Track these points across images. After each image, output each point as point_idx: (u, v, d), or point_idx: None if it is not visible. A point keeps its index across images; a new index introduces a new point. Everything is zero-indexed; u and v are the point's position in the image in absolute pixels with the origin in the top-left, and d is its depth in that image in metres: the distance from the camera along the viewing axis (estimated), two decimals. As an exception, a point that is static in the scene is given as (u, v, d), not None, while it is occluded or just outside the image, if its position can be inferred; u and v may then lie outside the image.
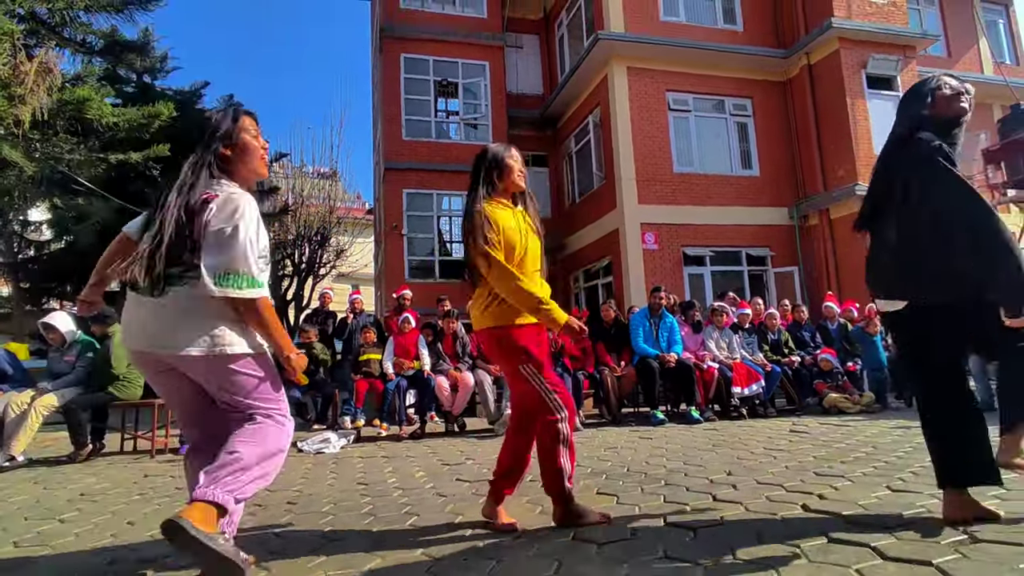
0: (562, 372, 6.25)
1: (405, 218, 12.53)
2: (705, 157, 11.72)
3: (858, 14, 11.45)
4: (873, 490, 2.71)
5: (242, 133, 2.06)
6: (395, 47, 13.07)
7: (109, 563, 2.19)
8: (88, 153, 8.17)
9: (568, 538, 2.22)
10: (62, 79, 7.51)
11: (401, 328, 6.37)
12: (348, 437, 5.58)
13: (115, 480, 4.08)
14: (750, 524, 2.27)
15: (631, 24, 11.42)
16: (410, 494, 3.18)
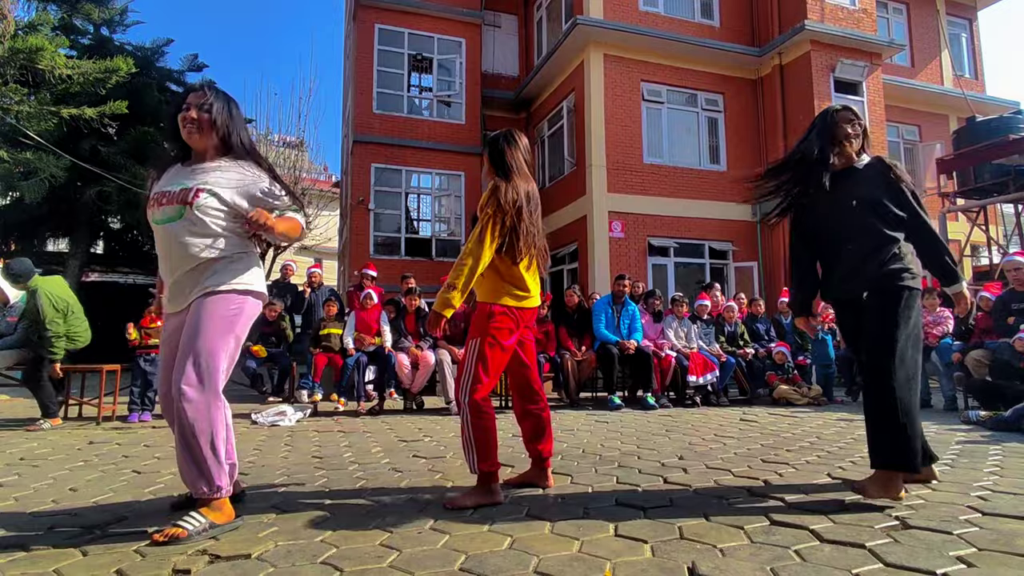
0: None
1: (372, 193, 12.33)
2: (675, 149, 11.85)
3: (830, 18, 11.68)
4: (815, 477, 2.82)
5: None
6: (370, 16, 12.75)
7: (49, 528, 2.13)
8: (39, 106, 7.78)
9: (522, 515, 2.26)
10: (15, 26, 7.09)
11: (363, 304, 6.31)
12: (305, 411, 5.52)
13: (57, 446, 3.96)
14: (698, 505, 2.35)
15: (610, 11, 11.40)
16: (366, 468, 3.18)
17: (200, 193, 2.16)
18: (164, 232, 2.19)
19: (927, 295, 6.37)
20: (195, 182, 2.19)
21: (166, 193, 2.20)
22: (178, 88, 13.38)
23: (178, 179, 2.24)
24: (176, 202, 2.16)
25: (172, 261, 2.21)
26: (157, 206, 2.20)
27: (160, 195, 2.22)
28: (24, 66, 7.13)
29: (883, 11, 14.29)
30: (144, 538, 1.99)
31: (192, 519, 2.02)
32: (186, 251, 2.16)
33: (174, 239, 2.17)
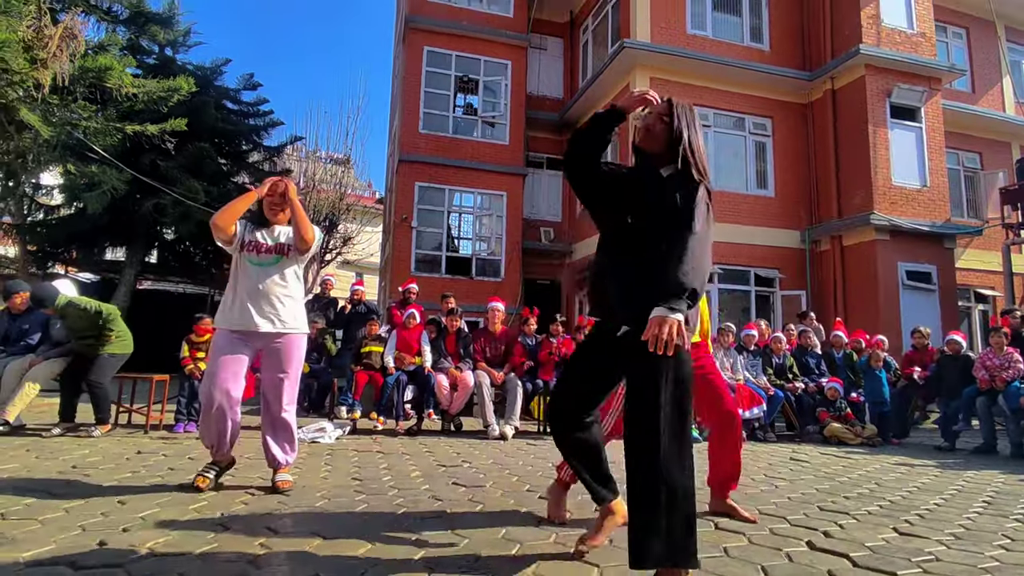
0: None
1: (416, 211, 12.48)
2: (721, 174, 11.64)
3: (887, 42, 11.36)
4: (879, 531, 2.65)
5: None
6: (419, 39, 13.02)
7: (99, 543, 2.15)
8: (105, 122, 8.15)
9: (569, 559, 2.17)
10: (85, 46, 7.47)
11: (406, 323, 6.32)
12: (344, 428, 5.53)
13: (107, 454, 4.04)
14: (754, 558, 2.22)
15: (657, 34, 11.35)
16: (405, 495, 3.13)
17: (289, 249, 3.19)
18: (259, 271, 3.10)
19: (993, 334, 6.03)
20: (286, 241, 3.21)
21: (263, 244, 3.15)
22: (234, 106, 13.88)
23: (269, 235, 3.20)
24: (275, 252, 3.16)
25: (258, 292, 3.06)
26: (256, 252, 3.12)
27: (259, 244, 3.15)
28: (93, 84, 7.49)
29: (942, 35, 13.83)
30: (187, 563, 1.98)
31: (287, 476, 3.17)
32: (276, 287, 3.11)
33: (267, 277, 3.10)
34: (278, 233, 3.23)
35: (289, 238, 3.20)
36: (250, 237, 3.15)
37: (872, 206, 10.59)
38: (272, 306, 3.07)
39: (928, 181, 11.25)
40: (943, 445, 6.06)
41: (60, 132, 7.98)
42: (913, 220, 10.81)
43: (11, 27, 6.12)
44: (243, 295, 3.07)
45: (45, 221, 12.72)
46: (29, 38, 6.49)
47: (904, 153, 11.19)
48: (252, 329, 3.03)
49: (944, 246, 11.20)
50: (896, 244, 10.68)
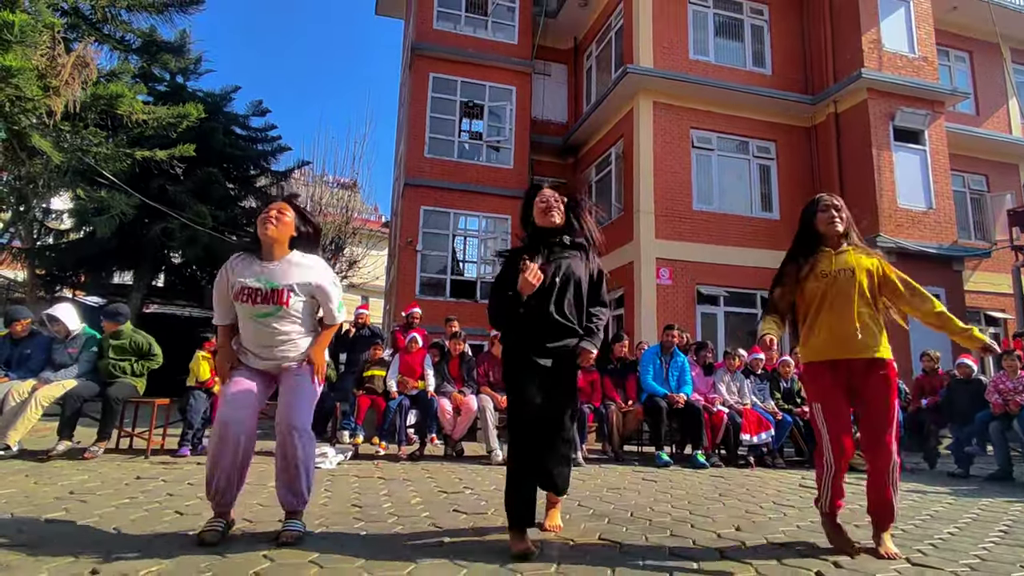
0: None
1: (421, 234, 12.54)
2: (725, 196, 11.68)
3: (888, 67, 11.45)
4: (892, 562, 2.57)
5: None
6: (425, 65, 13.22)
7: (91, 572, 2.10)
8: (115, 148, 8.25)
9: None
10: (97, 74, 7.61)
11: (408, 347, 6.29)
12: (346, 453, 5.47)
13: (106, 479, 4.00)
14: (762, 590, 2.15)
15: (660, 60, 11.49)
16: (404, 522, 3.08)
17: (290, 295, 2.72)
18: (259, 323, 2.73)
19: (1006, 357, 5.93)
20: (283, 282, 2.72)
21: (258, 291, 2.69)
22: (242, 131, 14.09)
23: (263, 276, 2.72)
24: (272, 302, 2.70)
25: (263, 340, 2.75)
26: (251, 302, 2.69)
27: (252, 291, 2.69)
28: (104, 111, 7.61)
29: (944, 58, 13.93)
30: (180, 592, 1.93)
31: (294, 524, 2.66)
32: (281, 336, 2.75)
33: (269, 327, 2.73)
34: (276, 269, 2.73)
35: (291, 277, 2.73)
36: (241, 280, 2.70)
37: (878, 228, 10.56)
38: (282, 353, 2.77)
39: (934, 203, 11.22)
40: (957, 471, 5.93)
41: (71, 158, 8.09)
42: (920, 242, 10.76)
43: (25, 55, 6.24)
44: (247, 344, 2.80)
45: (54, 245, 12.86)
46: (43, 66, 6.61)
47: (909, 176, 11.19)
48: (265, 369, 2.82)
49: (952, 268, 11.12)
50: (903, 267, 10.39)
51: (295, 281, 2.73)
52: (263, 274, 2.72)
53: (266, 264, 2.74)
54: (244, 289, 2.69)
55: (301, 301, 2.77)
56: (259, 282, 2.70)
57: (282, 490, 2.69)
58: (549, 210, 2.87)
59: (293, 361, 2.80)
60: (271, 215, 2.71)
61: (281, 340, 2.75)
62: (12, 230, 12.20)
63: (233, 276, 2.74)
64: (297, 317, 2.77)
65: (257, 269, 2.73)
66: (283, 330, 2.74)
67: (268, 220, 2.70)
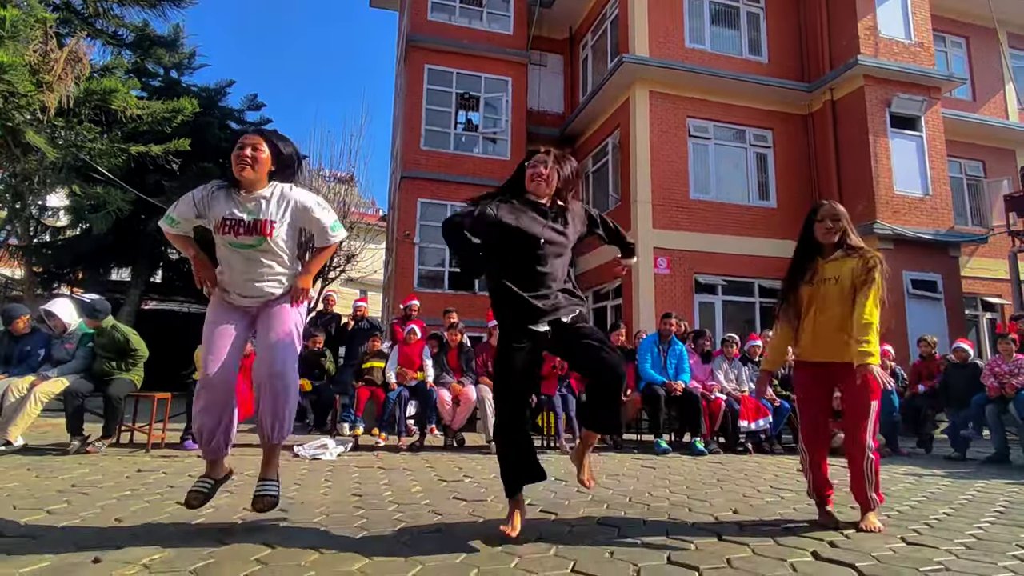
0: (566, 393, 6.16)
1: (418, 227, 12.53)
2: (722, 185, 11.67)
3: (884, 53, 11.42)
4: (887, 541, 2.59)
5: None
6: (419, 57, 13.17)
7: (94, 560, 2.12)
8: (110, 143, 8.24)
9: (567, 569, 2.13)
10: (91, 69, 7.58)
11: (407, 338, 6.31)
12: (346, 444, 5.49)
13: (107, 472, 4.02)
14: (758, 568, 2.17)
15: (656, 49, 11.45)
16: (405, 510, 3.10)
17: (274, 225, 2.62)
18: (241, 255, 2.65)
19: (1000, 340, 5.96)
20: (265, 212, 2.62)
21: (241, 221, 2.60)
22: (238, 126, 14.04)
23: (245, 207, 2.62)
24: (255, 233, 2.60)
25: (246, 274, 2.67)
26: (234, 233, 2.60)
27: (235, 223, 2.60)
28: (98, 106, 7.59)
29: (941, 44, 13.90)
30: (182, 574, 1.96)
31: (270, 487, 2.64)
32: (264, 269, 2.67)
33: (252, 260, 2.65)
34: (257, 202, 2.63)
35: (272, 208, 2.63)
36: (223, 213, 2.61)
37: (875, 215, 10.57)
38: (266, 288, 2.70)
39: (931, 190, 11.23)
40: (953, 455, 5.97)
41: (66, 154, 8.08)
42: (917, 228, 10.77)
43: (17, 51, 6.22)
44: (231, 280, 2.71)
45: (51, 243, 12.83)
46: (35, 62, 6.59)
47: (906, 162, 11.18)
48: (247, 306, 2.74)
49: (949, 254, 11.14)
50: (900, 253, 10.63)
51: (278, 210, 2.65)
52: (245, 204, 2.62)
53: (246, 196, 2.63)
54: (225, 221, 2.59)
55: (286, 231, 2.67)
56: (242, 211, 2.61)
57: (267, 416, 2.60)
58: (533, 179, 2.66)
59: (276, 296, 2.73)
60: (246, 154, 2.56)
61: (263, 274, 2.67)
62: (8, 228, 12.17)
63: (211, 210, 2.62)
64: (281, 250, 2.68)
65: (238, 200, 2.62)
66: (266, 263, 2.66)
67: (243, 160, 2.55)
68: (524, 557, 2.27)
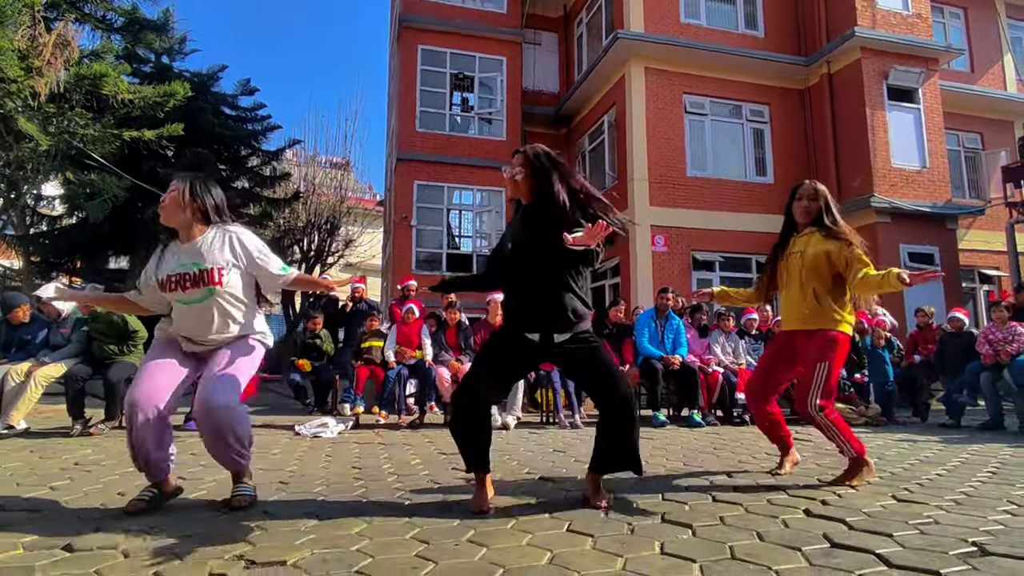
0: (565, 369, 6.19)
1: (415, 209, 12.51)
2: (719, 162, 11.63)
3: (882, 24, 11.31)
4: (878, 499, 2.63)
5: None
6: (413, 37, 13.04)
7: (95, 530, 2.16)
8: (103, 129, 8.18)
9: (562, 529, 2.17)
10: (80, 54, 7.52)
11: (405, 318, 6.33)
12: (346, 423, 5.54)
13: (110, 452, 4.06)
14: (750, 524, 2.21)
15: (651, 24, 11.34)
16: (404, 480, 3.14)
17: (221, 273, 2.47)
18: (192, 310, 2.51)
19: (994, 308, 5.99)
20: (209, 260, 2.48)
21: (186, 275, 2.47)
22: (232, 111, 13.93)
23: (188, 258, 2.49)
24: (202, 284, 2.46)
25: (199, 327, 2.54)
26: (181, 289, 2.47)
27: (180, 277, 2.47)
28: (89, 92, 7.53)
29: (939, 15, 13.75)
30: (183, 542, 1.99)
31: (244, 488, 2.55)
32: (219, 321, 2.53)
33: (206, 313, 2.51)
34: (197, 251, 2.49)
35: (215, 253, 2.49)
36: (166, 271, 2.49)
37: (872, 189, 10.55)
38: (220, 337, 2.56)
39: (928, 162, 11.19)
40: (948, 423, 6.02)
41: (59, 141, 8.02)
42: (914, 202, 10.76)
43: (5, 36, 6.16)
44: (181, 327, 2.57)
45: (48, 232, 12.79)
46: (24, 47, 6.53)
47: (903, 135, 11.14)
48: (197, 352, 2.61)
49: (946, 227, 11.14)
50: (897, 226, 10.63)
51: (222, 254, 2.50)
52: (187, 256, 2.50)
53: (188, 247, 2.51)
54: (170, 278, 2.47)
55: (238, 279, 2.54)
56: (184, 266, 2.48)
57: (218, 460, 2.54)
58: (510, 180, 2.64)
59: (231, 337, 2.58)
60: (163, 199, 2.53)
61: (219, 326, 2.53)
62: (4, 217, 12.13)
63: (158, 272, 2.54)
64: (236, 300, 2.54)
65: (181, 254, 2.51)
66: (219, 314, 2.52)
67: (160, 207, 2.53)
68: (520, 519, 2.31)
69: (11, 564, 1.81)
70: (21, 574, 1.73)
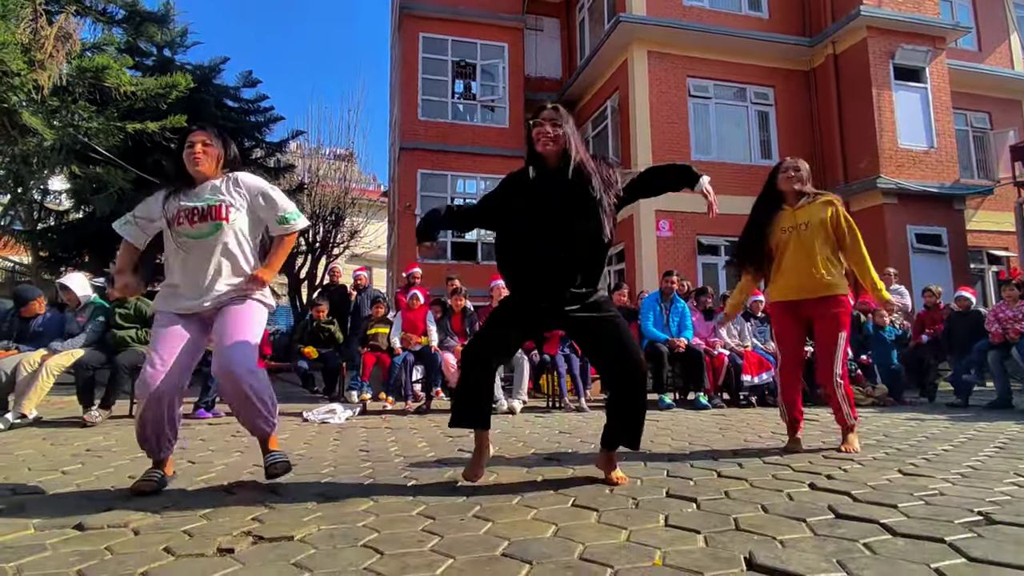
0: (569, 353, 6.20)
1: (419, 198, 12.50)
2: (724, 145, 11.55)
3: (888, 3, 11.16)
4: (883, 473, 2.63)
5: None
6: (414, 25, 12.97)
7: (105, 510, 2.19)
8: (106, 122, 8.19)
9: (567, 504, 2.18)
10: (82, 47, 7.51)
11: (410, 304, 6.35)
12: (354, 410, 5.58)
13: (122, 440, 4.11)
14: (755, 498, 2.22)
15: (653, 7, 11.23)
16: (411, 460, 3.16)
17: (230, 209, 2.52)
18: (196, 245, 2.50)
19: (1005, 287, 5.94)
20: (218, 199, 2.52)
21: (195, 209, 2.49)
22: (234, 103, 13.91)
23: (197, 198, 2.53)
24: (210, 218, 2.48)
25: (197, 270, 2.50)
26: (189, 222, 2.48)
27: (189, 211, 2.49)
28: (92, 84, 7.53)
29: (946, -6, 13.56)
30: (191, 520, 2.02)
31: (276, 455, 2.53)
32: (216, 264, 2.50)
33: (206, 252, 2.49)
34: (208, 190, 2.55)
35: (225, 193, 2.55)
36: (176, 207, 2.51)
37: (878, 170, 10.45)
38: (218, 290, 2.51)
39: (935, 142, 11.07)
40: (956, 402, 6.00)
41: (63, 135, 8.04)
42: (921, 182, 10.66)
43: (8, 29, 6.16)
44: (182, 278, 2.53)
45: (55, 227, 12.86)
46: (26, 40, 6.53)
47: (910, 115, 11.02)
48: (197, 312, 2.53)
49: (954, 207, 11.04)
50: (904, 207, 10.54)
51: (232, 194, 2.56)
52: (198, 195, 2.54)
53: (197, 190, 2.56)
54: (180, 211, 2.49)
55: (244, 221, 2.58)
56: (193, 203, 2.51)
57: (247, 425, 2.55)
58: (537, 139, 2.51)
59: (235, 294, 2.54)
60: (196, 151, 2.52)
61: (216, 270, 2.50)
62: (12, 213, 12.21)
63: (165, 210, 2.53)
64: (239, 243, 2.55)
65: (190, 195, 2.54)
66: (221, 259, 2.50)
67: (196, 157, 2.52)
68: (526, 496, 2.33)
69: (22, 543, 1.84)
70: (32, 552, 1.76)
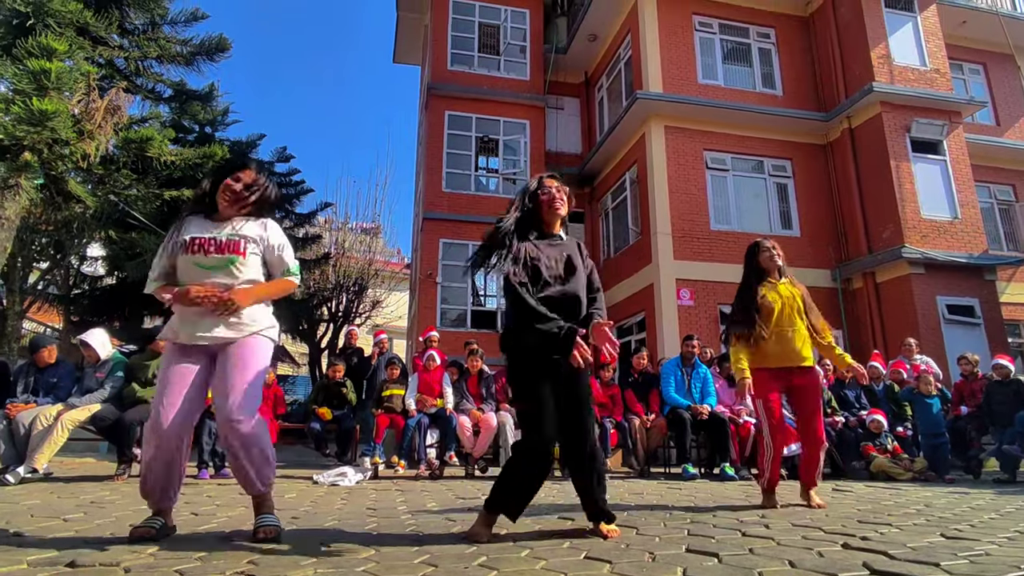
0: (589, 418, 6.02)
1: (440, 267, 12.67)
2: (743, 215, 11.62)
3: (900, 80, 11.43)
4: (925, 536, 2.43)
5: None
6: (440, 104, 13.63)
7: (102, 550, 2.11)
8: (146, 189, 8.62)
9: (579, 556, 2.04)
10: (128, 120, 8.03)
11: (426, 365, 6.30)
12: (365, 473, 5.43)
13: (127, 495, 4.03)
14: (781, 555, 2.05)
15: (669, 86, 11.66)
16: (418, 517, 3.03)
17: (248, 244, 2.49)
18: (207, 276, 2.43)
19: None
20: (240, 232, 2.50)
21: (212, 240, 2.45)
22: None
23: (219, 229, 2.50)
24: (227, 251, 2.45)
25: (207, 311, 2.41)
26: (204, 252, 2.43)
27: (206, 241, 2.45)
28: (135, 154, 7.98)
29: (959, 72, 13.88)
30: (186, 562, 1.93)
31: (269, 518, 2.42)
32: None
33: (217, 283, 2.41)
34: (232, 227, 2.51)
35: (250, 232, 2.52)
36: (194, 234, 2.46)
37: (903, 239, 10.35)
38: (223, 327, 2.42)
39: (959, 213, 11.00)
40: (1003, 477, 5.62)
41: (104, 202, 8.46)
42: (948, 252, 10.51)
43: (62, 100, 6.63)
44: (186, 317, 2.44)
45: (88, 292, 13.27)
46: (79, 111, 7.01)
47: (931, 186, 11.02)
48: (200, 343, 2.43)
49: (984, 278, 10.79)
50: (933, 278, 10.35)
51: (253, 233, 2.52)
52: (219, 227, 2.50)
53: (221, 223, 2.53)
54: (195, 240, 2.44)
55: (256, 256, 2.53)
56: (215, 232, 2.47)
57: (242, 481, 2.45)
58: (553, 201, 2.72)
59: (238, 332, 2.44)
60: (237, 189, 2.51)
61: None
62: (48, 277, 12.66)
63: (181, 235, 2.48)
64: (248, 276, 2.48)
65: (211, 224, 2.51)
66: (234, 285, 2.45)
67: (233, 195, 2.51)
68: (535, 548, 2.19)
69: (12, 578, 1.77)
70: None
